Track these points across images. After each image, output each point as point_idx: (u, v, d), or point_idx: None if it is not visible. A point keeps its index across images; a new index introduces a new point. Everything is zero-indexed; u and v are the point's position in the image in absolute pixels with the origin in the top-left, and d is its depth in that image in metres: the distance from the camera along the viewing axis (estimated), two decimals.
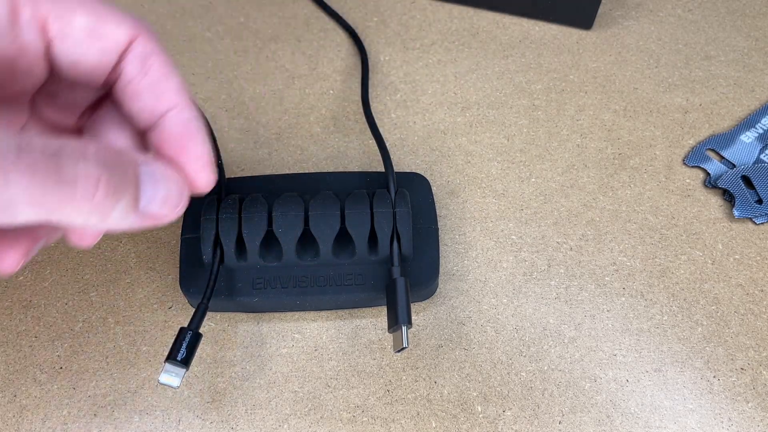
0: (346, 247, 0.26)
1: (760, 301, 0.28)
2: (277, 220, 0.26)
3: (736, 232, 0.30)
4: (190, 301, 0.27)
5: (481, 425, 0.25)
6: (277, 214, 0.26)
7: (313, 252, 0.26)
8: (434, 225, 0.28)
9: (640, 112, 0.35)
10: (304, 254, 0.26)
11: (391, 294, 0.25)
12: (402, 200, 0.26)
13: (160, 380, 0.22)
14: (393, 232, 0.26)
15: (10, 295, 0.28)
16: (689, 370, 0.26)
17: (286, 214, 0.26)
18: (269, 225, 0.26)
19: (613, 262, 0.29)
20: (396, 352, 0.24)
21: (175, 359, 0.22)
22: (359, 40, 0.38)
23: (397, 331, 0.24)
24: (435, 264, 0.27)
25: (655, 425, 0.25)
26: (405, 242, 0.26)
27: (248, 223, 0.25)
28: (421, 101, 0.35)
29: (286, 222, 0.26)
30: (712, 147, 0.33)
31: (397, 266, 0.25)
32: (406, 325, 0.24)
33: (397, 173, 0.29)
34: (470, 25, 0.39)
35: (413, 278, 0.26)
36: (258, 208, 0.26)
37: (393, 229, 0.26)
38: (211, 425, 0.25)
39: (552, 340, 0.27)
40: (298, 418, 0.25)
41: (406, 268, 0.26)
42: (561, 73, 0.37)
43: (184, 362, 0.23)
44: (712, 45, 0.38)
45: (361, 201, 0.26)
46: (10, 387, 0.26)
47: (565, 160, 0.33)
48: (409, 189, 0.28)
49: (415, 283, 0.26)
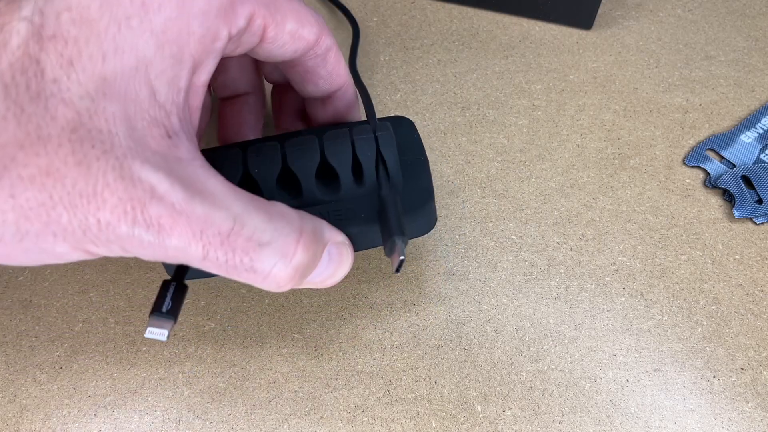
0: (329, 183, 0.25)
1: (760, 301, 0.28)
2: (253, 162, 0.24)
3: (736, 232, 0.30)
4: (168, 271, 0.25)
5: (481, 425, 0.25)
6: (252, 156, 0.24)
7: (295, 191, 0.24)
8: (423, 156, 0.26)
9: (640, 112, 0.35)
10: (286, 195, 0.24)
11: (383, 214, 0.23)
12: (383, 127, 0.25)
13: (146, 335, 0.20)
14: (377, 156, 0.24)
15: (10, 295, 0.28)
16: (689, 370, 0.26)
17: (261, 152, 0.24)
18: (245, 168, 0.24)
19: (613, 262, 0.29)
20: (395, 271, 0.22)
21: (160, 311, 0.21)
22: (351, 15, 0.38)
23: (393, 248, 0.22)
24: (428, 189, 0.25)
25: (655, 425, 0.25)
26: (391, 165, 0.24)
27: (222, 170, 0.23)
28: (421, 101, 0.35)
29: (262, 160, 0.24)
30: (712, 147, 0.33)
31: (385, 186, 0.24)
32: (400, 237, 0.22)
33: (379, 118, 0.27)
34: (470, 25, 0.39)
35: (406, 204, 0.24)
36: (231, 155, 0.24)
37: (377, 154, 0.24)
38: (211, 425, 0.25)
39: (552, 340, 0.27)
40: (298, 418, 0.25)
41: (395, 193, 0.24)
42: (561, 73, 0.37)
43: (171, 313, 0.21)
44: (712, 45, 0.38)
45: (340, 134, 0.25)
46: (10, 387, 0.26)
47: (565, 160, 0.33)
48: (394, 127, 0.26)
49: (408, 211, 0.24)
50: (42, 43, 0.16)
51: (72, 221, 0.16)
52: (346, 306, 0.28)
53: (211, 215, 0.17)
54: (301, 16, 0.22)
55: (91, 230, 0.16)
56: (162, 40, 0.17)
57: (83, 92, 0.16)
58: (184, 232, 0.17)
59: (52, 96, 0.16)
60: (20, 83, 0.15)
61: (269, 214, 0.18)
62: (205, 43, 0.18)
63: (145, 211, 0.16)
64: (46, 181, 0.16)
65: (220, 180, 0.18)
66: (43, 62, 0.16)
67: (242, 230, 0.18)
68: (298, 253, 0.19)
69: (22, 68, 0.16)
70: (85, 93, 0.16)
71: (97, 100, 0.16)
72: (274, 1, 0.20)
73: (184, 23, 0.18)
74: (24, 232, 0.16)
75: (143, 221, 0.16)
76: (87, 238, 0.16)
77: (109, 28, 0.16)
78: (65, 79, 0.16)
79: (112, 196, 0.16)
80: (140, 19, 0.17)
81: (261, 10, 0.20)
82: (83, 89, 0.16)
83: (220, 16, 0.18)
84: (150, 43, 0.17)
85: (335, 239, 0.21)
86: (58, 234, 0.16)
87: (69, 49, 0.16)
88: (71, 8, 0.16)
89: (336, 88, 0.25)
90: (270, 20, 0.20)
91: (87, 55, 0.16)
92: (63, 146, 0.16)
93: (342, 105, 0.26)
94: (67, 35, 0.16)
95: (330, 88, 0.25)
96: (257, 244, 0.18)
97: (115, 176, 0.16)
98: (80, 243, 0.16)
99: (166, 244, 0.17)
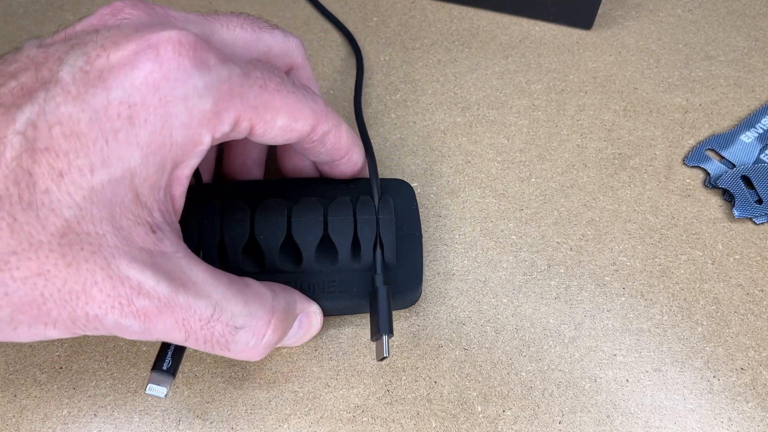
0: (328, 254, 0.26)
1: (760, 301, 0.28)
2: (259, 227, 0.25)
3: (736, 232, 0.30)
4: None
5: (481, 425, 0.25)
6: (259, 220, 0.25)
7: (296, 259, 0.26)
8: (418, 232, 0.27)
9: (640, 112, 0.35)
10: (286, 261, 0.26)
11: (374, 303, 0.24)
12: (385, 207, 0.26)
13: (147, 391, 0.22)
14: (376, 240, 0.26)
15: None
16: (689, 370, 0.26)
17: (268, 221, 0.25)
18: (251, 231, 0.25)
19: (613, 262, 0.29)
20: (378, 360, 0.24)
21: (161, 369, 0.22)
22: (355, 42, 0.38)
23: (379, 339, 0.24)
24: (418, 272, 0.27)
25: (655, 425, 0.25)
26: (388, 250, 0.26)
27: (230, 229, 0.25)
28: (421, 101, 0.35)
29: (269, 229, 0.25)
30: (712, 147, 0.33)
31: (379, 274, 0.25)
32: (387, 335, 0.23)
33: (382, 179, 0.29)
34: (470, 25, 0.39)
35: (396, 286, 0.26)
36: (239, 215, 0.25)
37: (376, 237, 0.26)
38: (211, 425, 0.25)
39: (552, 340, 0.27)
40: (298, 418, 0.25)
41: (388, 275, 0.26)
42: (561, 73, 0.37)
43: (171, 372, 0.22)
44: (712, 45, 0.38)
45: (344, 208, 0.26)
46: (10, 387, 0.26)
47: (565, 160, 0.33)
48: (394, 196, 0.28)
49: (397, 291, 0.26)
50: (35, 156, 0.16)
51: (62, 314, 0.17)
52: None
53: (193, 305, 0.19)
54: (294, 111, 0.22)
55: (79, 320, 0.18)
56: (147, 152, 0.18)
57: (72, 203, 0.17)
58: (169, 320, 0.18)
59: (42, 206, 0.17)
60: (13, 194, 0.16)
61: (245, 298, 0.21)
62: (186, 150, 0.19)
63: (132, 305, 0.18)
64: (37, 281, 0.17)
65: (202, 268, 0.20)
66: (35, 174, 0.16)
67: (221, 316, 0.20)
68: (268, 334, 0.21)
69: (15, 180, 0.16)
70: (74, 203, 0.17)
71: (85, 208, 0.17)
72: (264, 102, 0.20)
73: (167, 134, 0.18)
74: (18, 322, 0.17)
75: (130, 313, 0.18)
76: (76, 326, 0.18)
77: (97, 141, 0.17)
78: (55, 189, 0.17)
79: (100, 293, 0.17)
80: (126, 133, 0.18)
81: (247, 112, 0.20)
82: (72, 200, 0.17)
83: (203, 124, 0.19)
84: (136, 155, 0.18)
85: (306, 310, 0.24)
86: (48, 324, 0.18)
87: (60, 161, 0.17)
88: (62, 123, 0.17)
89: (340, 158, 0.26)
90: (257, 120, 0.21)
91: (76, 168, 0.17)
92: (53, 251, 0.17)
93: (347, 168, 0.27)
94: (58, 148, 0.17)
95: (332, 160, 0.26)
96: (234, 327, 0.20)
97: (104, 275, 0.17)
98: (70, 330, 0.18)
99: (152, 331, 0.18)
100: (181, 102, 0.18)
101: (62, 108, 0.17)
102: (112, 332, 0.18)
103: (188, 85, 0.18)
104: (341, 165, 0.26)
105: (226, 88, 0.19)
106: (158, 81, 0.18)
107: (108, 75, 0.17)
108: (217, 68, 0.19)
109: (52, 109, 0.17)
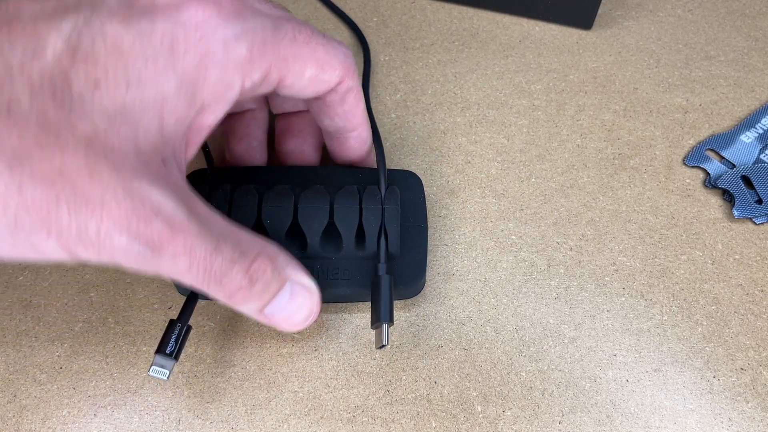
0: (333, 242, 0.26)
1: (760, 301, 0.28)
2: (266, 212, 0.26)
3: (736, 232, 0.30)
4: (180, 292, 0.27)
5: (481, 425, 0.25)
6: (267, 205, 0.26)
7: (301, 245, 0.26)
8: (424, 224, 0.28)
9: (640, 112, 0.35)
10: (291, 247, 0.26)
11: (376, 291, 0.25)
12: (392, 197, 0.26)
13: (150, 373, 0.22)
14: (381, 229, 0.26)
15: (10, 295, 0.28)
16: (689, 370, 0.26)
17: (275, 206, 0.26)
18: (259, 216, 0.26)
19: (613, 262, 0.29)
20: (377, 348, 0.24)
21: (164, 352, 0.22)
22: (363, 36, 0.38)
23: (379, 327, 0.24)
24: (422, 263, 0.27)
25: (655, 425, 0.25)
26: (392, 240, 0.26)
27: (238, 213, 0.26)
28: (421, 101, 0.35)
29: (275, 213, 0.26)
30: (712, 147, 0.33)
31: (382, 263, 0.26)
32: (388, 323, 0.24)
33: (391, 170, 0.29)
34: (470, 25, 0.39)
35: (399, 276, 0.26)
36: (248, 199, 0.26)
37: (381, 226, 0.26)
38: (211, 425, 0.25)
39: (552, 340, 0.27)
40: (298, 418, 0.25)
41: (392, 265, 0.26)
42: (561, 73, 0.37)
43: (174, 355, 0.23)
44: (712, 45, 0.38)
45: (350, 196, 0.26)
46: (10, 387, 0.26)
47: (565, 160, 0.33)
48: (402, 187, 0.28)
49: (400, 281, 0.26)
50: (74, 61, 0.17)
51: (71, 223, 0.17)
52: (346, 306, 0.28)
53: (202, 233, 0.19)
54: (323, 63, 0.23)
55: (87, 235, 0.17)
56: (181, 82, 0.19)
57: (103, 112, 0.17)
58: (180, 246, 0.18)
59: (74, 109, 0.17)
60: (47, 91, 0.16)
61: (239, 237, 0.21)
62: (217, 91, 0.20)
63: (149, 226, 0.17)
64: (57, 180, 0.16)
65: (204, 204, 0.20)
66: (71, 78, 0.17)
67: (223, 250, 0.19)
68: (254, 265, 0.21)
69: (51, 78, 0.17)
70: (105, 113, 0.17)
71: (115, 121, 0.17)
72: (294, 53, 0.21)
73: (202, 70, 0.19)
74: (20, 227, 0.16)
75: (143, 236, 0.17)
76: (80, 240, 0.17)
77: (137, 60, 0.18)
78: (89, 96, 0.17)
79: (118, 209, 0.17)
80: (166, 60, 0.18)
81: (278, 63, 0.21)
82: (104, 109, 0.17)
83: (237, 68, 0.20)
84: (171, 82, 0.18)
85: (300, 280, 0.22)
86: (52, 233, 0.17)
87: (98, 71, 0.17)
88: (106, 35, 0.17)
89: (351, 129, 0.26)
90: (287, 71, 0.22)
91: (113, 80, 0.17)
92: (78, 153, 0.16)
93: (356, 144, 0.27)
94: (97, 59, 0.17)
95: (344, 126, 0.26)
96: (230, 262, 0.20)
97: (125, 192, 0.17)
98: (70, 244, 0.17)
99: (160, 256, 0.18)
100: (219, 43, 0.19)
101: (107, 26, 0.17)
102: (114, 258, 0.17)
103: (227, 29, 0.19)
104: (350, 139, 0.27)
105: (260, 38, 0.20)
106: (200, 22, 0.19)
107: (153, 11, 0.18)
108: (252, 19, 0.20)
109: (98, 24, 0.17)
